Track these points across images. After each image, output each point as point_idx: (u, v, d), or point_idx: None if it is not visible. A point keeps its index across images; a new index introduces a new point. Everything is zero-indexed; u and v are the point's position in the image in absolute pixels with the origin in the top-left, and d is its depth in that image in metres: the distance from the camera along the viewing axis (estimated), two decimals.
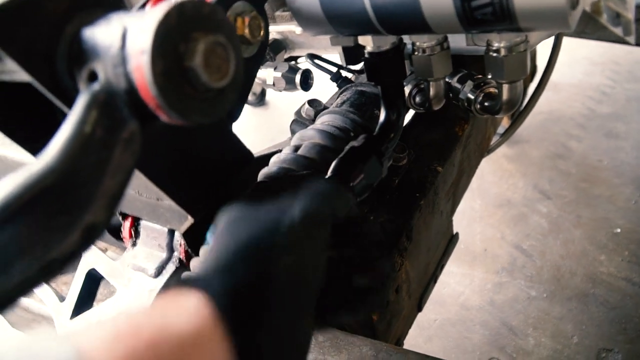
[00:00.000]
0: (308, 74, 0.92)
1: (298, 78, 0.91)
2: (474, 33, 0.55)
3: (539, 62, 1.69)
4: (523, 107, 1.23)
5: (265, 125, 2.47)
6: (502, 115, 0.70)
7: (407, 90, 0.78)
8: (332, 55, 0.99)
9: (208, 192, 0.62)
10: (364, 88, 0.80)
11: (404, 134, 0.83)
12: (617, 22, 0.56)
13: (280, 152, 0.68)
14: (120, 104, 0.33)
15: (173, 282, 0.39)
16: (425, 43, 0.62)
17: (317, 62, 0.93)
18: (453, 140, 0.88)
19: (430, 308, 1.51)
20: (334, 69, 0.92)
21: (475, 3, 0.47)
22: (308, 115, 0.78)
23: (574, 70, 2.40)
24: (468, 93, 0.74)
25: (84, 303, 0.71)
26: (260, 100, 2.61)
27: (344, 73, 0.92)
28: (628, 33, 0.55)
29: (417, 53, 0.64)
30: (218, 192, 0.63)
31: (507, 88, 0.62)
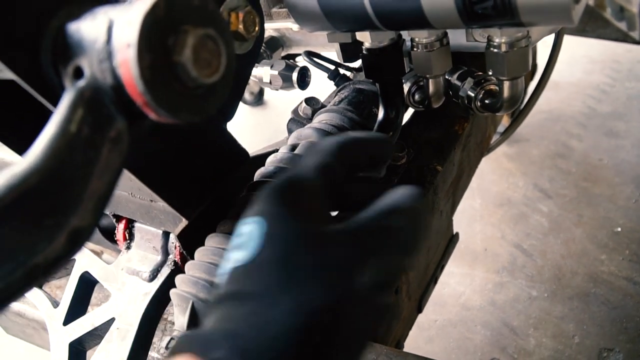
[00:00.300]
0: (305, 72, 0.91)
1: (295, 76, 0.89)
2: (475, 28, 0.54)
3: (539, 60, 1.67)
4: (523, 105, 1.21)
5: (264, 125, 2.46)
6: (502, 113, 0.68)
7: (406, 88, 0.77)
8: (330, 53, 0.98)
9: (202, 193, 0.60)
10: (362, 86, 0.78)
11: (403, 133, 0.82)
12: (620, 16, 0.55)
13: (277, 151, 0.67)
14: (107, 101, 0.31)
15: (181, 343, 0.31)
16: (425, 39, 0.61)
17: (314, 59, 0.92)
18: (453, 139, 0.87)
19: (431, 309, 1.49)
20: (332, 67, 0.91)
21: None
22: (305, 114, 0.77)
23: (574, 69, 2.39)
24: (468, 90, 0.73)
25: (78, 308, 0.70)
26: (259, 100, 2.60)
27: (342, 71, 0.91)
28: (632, 28, 0.54)
29: (416, 49, 0.62)
30: (212, 193, 0.62)
31: (508, 85, 0.61)
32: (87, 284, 0.71)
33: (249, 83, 0.94)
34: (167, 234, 0.64)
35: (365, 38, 0.61)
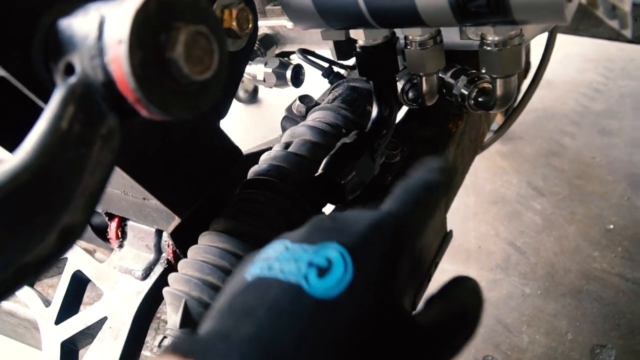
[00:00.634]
0: (299, 70, 0.91)
1: (289, 74, 0.89)
2: (468, 26, 0.54)
3: (533, 59, 1.68)
4: (517, 103, 1.22)
5: (257, 123, 2.45)
6: (496, 111, 0.69)
7: (399, 86, 0.77)
8: (324, 51, 0.98)
9: (195, 191, 0.60)
10: (356, 84, 0.78)
11: (397, 131, 0.82)
12: (613, 14, 0.55)
13: (271, 149, 0.66)
14: (98, 98, 0.31)
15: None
16: (418, 37, 0.61)
17: (308, 57, 0.92)
18: (446, 137, 0.87)
19: None
20: (326, 65, 0.91)
21: None
22: (299, 112, 0.77)
23: (567, 68, 2.40)
24: (462, 88, 0.73)
25: (70, 307, 0.69)
26: (252, 98, 2.59)
27: (336, 69, 0.91)
28: (624, 26, 0.54)
29: (410, 47, 0.62)
30: (205, 190, 0.61)
31: (501, 83, 0.61)
32: (79, 283, 0.70)
33: (243, 81, 0.93)
34: (160, 232, 0.63)
35: (359, 36, 0.61)
